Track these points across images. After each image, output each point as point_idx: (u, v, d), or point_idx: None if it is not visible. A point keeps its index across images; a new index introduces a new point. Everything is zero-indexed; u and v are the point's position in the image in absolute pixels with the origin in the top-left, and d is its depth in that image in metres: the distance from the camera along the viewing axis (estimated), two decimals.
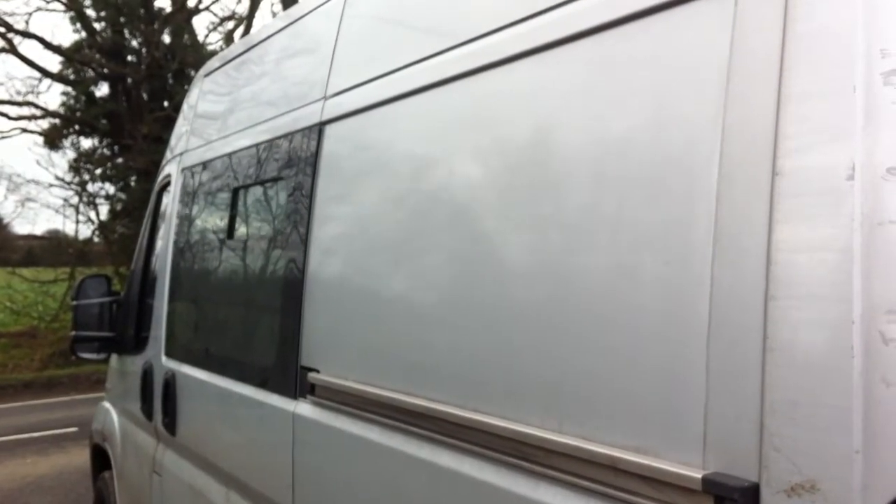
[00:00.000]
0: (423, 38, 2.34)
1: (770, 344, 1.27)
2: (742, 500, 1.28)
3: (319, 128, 2.79)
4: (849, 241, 1.18)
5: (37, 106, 20.72)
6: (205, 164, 3.99)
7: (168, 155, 4.86)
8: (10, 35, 19.42)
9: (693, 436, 1.39)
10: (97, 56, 20.61)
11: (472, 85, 2.07)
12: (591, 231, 1.65)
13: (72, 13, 20.32)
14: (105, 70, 20.46)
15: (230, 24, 22.04)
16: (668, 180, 1.49)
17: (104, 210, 21.40)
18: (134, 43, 21.07)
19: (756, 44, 1.35)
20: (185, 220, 4.15)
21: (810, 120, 1.26)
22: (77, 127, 21.20)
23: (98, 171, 21.19)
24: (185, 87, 16.16)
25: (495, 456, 1.83)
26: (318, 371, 2.62)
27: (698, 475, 1.35)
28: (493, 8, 2.04)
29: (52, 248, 24.08)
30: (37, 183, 27.38)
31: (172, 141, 4.86)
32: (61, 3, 19.96)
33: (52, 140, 21.11)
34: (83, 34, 20.87)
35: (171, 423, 3.93)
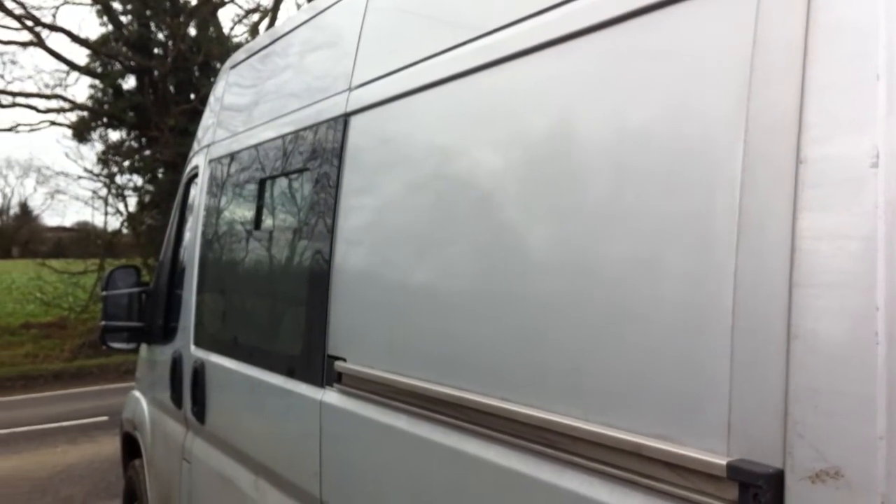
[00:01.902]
0: (446, 29, 2.35)
1: (794, 332, 1.27)
2: (766, 487, 1.29)
3: (344, 119, 2.81)
4: (872, 229, 1.18)
5: (65, 99, 20.95)
6: (231, 156, 4.02)
7: (195, 147, 4.90)
8: (37, 28, 19.62)
9: (717, 423, 1.40)
10: (124, 49, 20.76)
11: (496, 75, 2.08)
12: (615, 220, 1.66)
13: (98, 7, 20.48)
14: (132, 63, 20.62)
15: (255, 17, 22.12)
16: (692, 170, 1.50)
17: (132, 202, 21.63)
18: (160, 36, 21.21)
19: (779, 33, 1.35)
20: (213, 212, 4.19)
21: (833, 108, 1.26)
22: (105, 119, 21.39)
23: (126, 164, 21.39)
24: (211, 79, 16.25)
25: (521, 443, 1.84)
26: (344, 360, 2.64)
27: (723, 462, 1.36)
28: None
29: (80, 240, 24.35)
30: (66, 175, 27.80)
31: (199, 133, 4.90)
32: None
33: (81, 132, 21.32)
34: (110, 27, 21.04)
35: (200, 411, 3.98)
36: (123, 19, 21.10)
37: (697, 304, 1.45)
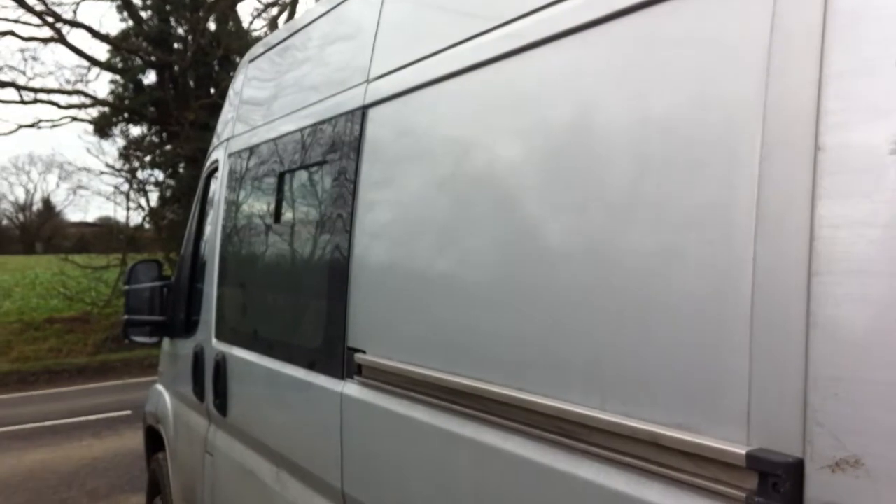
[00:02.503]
0: (464, 20, 2.34)
1: (813, 320, 1.26)
2: (786, 476, 1.28)
3: (362, 111, 2.82)
4: (892, 216, 1.17)
5: (86, 94, 21.12)
6: (251, 150, 4.03)
7: (215, 141, 4.92)
8: (58, 25, 19.78)
9: (736, 412, 1.39)
10: (144, 44, 20.90)
11: (514, 65, 2.07)
12: (633, 210, 1.65)
13: (118, 2, 20.60)
14: (152, 58, 20.75)
15: (274, 11, 22.21)
16: (710, 158, 1.49)
17: (154, 196, 21.82)
18: (180, 31, 21.33)
19: (797, 20, 1.34)
20: (233, 205, 4.21)
21: (852, 95, 1.25)
22: (126, 115, 21.56)
23: (147, 158, 21.54)
24: (231, 73, 16.30)
25: (539, 433, 1.85)
26: (364, 352, 2.65)
27: (742, 451, 1.35)
28: None
29: (103, 235, 24.58)
30: (88, 171, 28.08)
31: (219, 127, 4.92)
32: None
33: (102, 128, 21.51)
34: (130, 23, 21.18)
35: (222, 404, 4.00)
36: (143, 15, 21.24)
37: (716, 293, 1.45)
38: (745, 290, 1.38)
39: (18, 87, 20.12)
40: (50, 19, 19.49)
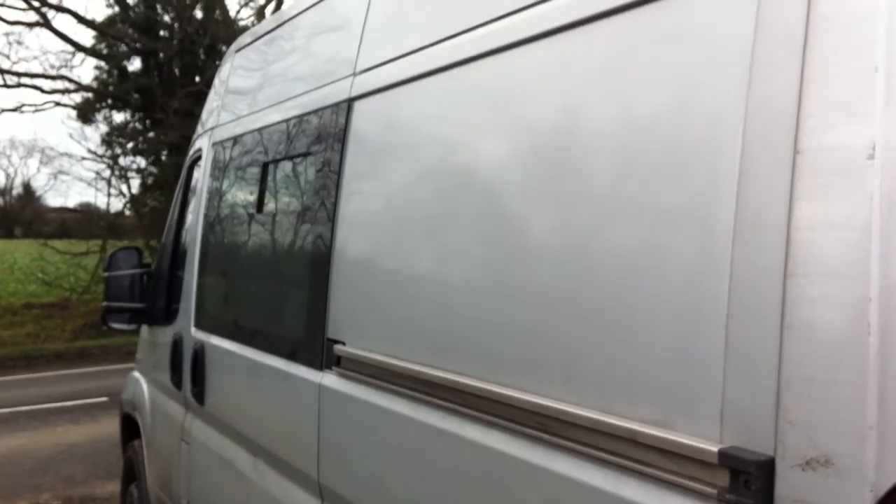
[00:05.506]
0: (452, 15, 2.35)
1: (788, 321, 1.28)
2: (757, 474, 1.30)
3: (348, 104, 2.82)
4: (868, 220, 1.19)
5: (70, 80, 20.95)
6: (235, 139, 4.03)
7: (199, 129, 4.90)
8: (44, 9, 19.61)
9: (710, 410, 1.41)
10: (130, 31, 20.77)
11: (499, 63, 2.08)
12: (614, 209, 1.66)
13: None
14: (137, 45, 20.62)
15: (261, 0, 22.08)
16: (691, 159, 1.50)
17: (136, 184, 21.70)
18: (166, 18, 21.21)
19: (779, 23, 1.36)
20: (215, 194, 4.20)
21: (832, 99, 1.27)
22: (109, 101, 21.43)
23: (130, 145, 21.44)
24: (217, 62, 16.22)
25: (516, 428, 1.86)
26: (343, 343, 2.66)
27: (714, 449, 1.37)
28: None
29: (84, 221, 24.40)
30: (69, 156, 27.95)
31: (203, 116, 4.90)
32: None
33: (85, 114, 21.36)
34: (116, 9, 21.05)
35: (199, 392, 3.99)
36: (130, 1, 21.08)
37: (693, 293, 1.46)
38: (721, 290, 1.40)
39: (2, 71, 19.96)
40: (36, 3, 19.32)
